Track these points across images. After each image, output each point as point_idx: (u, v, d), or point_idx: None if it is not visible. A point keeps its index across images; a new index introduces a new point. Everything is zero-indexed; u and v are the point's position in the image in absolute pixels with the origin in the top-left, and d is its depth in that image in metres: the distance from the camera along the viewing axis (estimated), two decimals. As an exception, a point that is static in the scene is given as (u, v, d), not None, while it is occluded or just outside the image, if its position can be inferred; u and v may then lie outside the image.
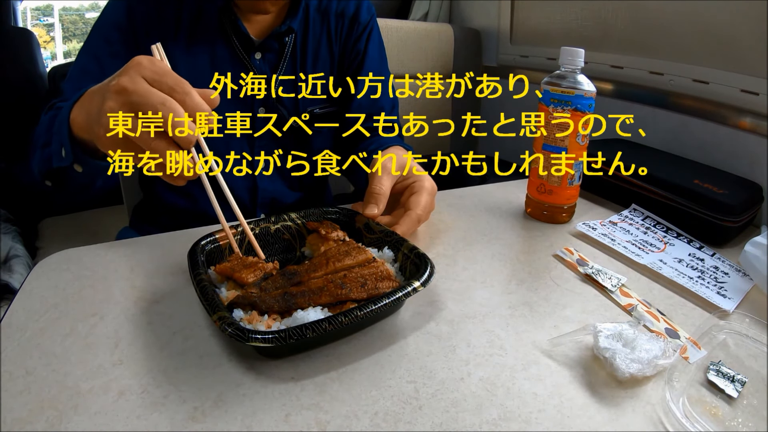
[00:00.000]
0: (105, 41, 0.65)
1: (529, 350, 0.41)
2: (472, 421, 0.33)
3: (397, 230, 0.52)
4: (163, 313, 0.44)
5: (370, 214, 0.53)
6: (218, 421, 0.33)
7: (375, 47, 0.76)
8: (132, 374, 0.36)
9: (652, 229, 0.64)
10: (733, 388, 0.37)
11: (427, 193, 0.56)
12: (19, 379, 0.36)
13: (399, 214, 0.55)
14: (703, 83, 0.80)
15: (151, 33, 0.65)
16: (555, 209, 0.65)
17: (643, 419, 0.34)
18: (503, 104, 1.30)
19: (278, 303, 0.40)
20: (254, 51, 0.68)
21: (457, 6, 1.49)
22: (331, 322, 0.36)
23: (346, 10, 0.74)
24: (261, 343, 0.34)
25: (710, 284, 0.52)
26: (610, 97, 0.98)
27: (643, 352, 0.38)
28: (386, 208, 0.55)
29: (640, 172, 0.68)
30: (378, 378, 0.37)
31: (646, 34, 0.91)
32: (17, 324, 0.42)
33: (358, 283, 0.41)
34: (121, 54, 0.64)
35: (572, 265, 0.54)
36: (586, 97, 0.59)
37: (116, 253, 0.54)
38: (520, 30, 1.28)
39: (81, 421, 0.32)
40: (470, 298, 0.47)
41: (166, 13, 0.65)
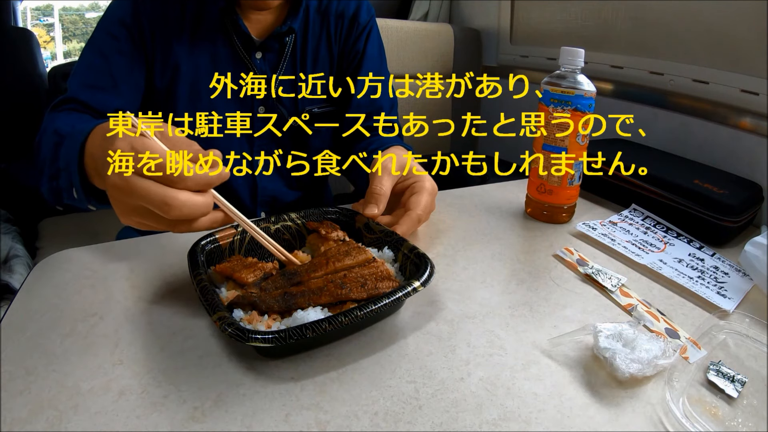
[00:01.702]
0: (111, 37, 0.64)
1: (529, 350, 0.41)
2: (472, 421, 0.33)
3: (397, 230, 0.52)
4: (163, 313, 0.44)
5: (370, 214, 0.53)
6: (218, 421, 0.33)
7: (374, 47, 0.77)
8: (132, 374, 0.36)
9: (652, 229, 0.64)
10: (733, 388, 0.37)
11: (428, 193, 0.56)
12: (19, 379, 0.36)
13: (399, 214, 0.55)
14: (703, 83, 0.80)
15: (156, 31, 0.65)
16: (555, 209, 0.65)
17: (643, 419, 0.34)
18: (503, 104, 1.30)
19: (278, 303, 0.40)
20: (255, 50, 0.68)
21: (457, 6, 1.49)
22: (331, 322, 0.36)
23: (345, 11, 0.74)
24: (261, 343, 0.34)
25: (710, 284, 0.52)
26: (610, 97, 0.98)
27: (643, 352, 0.37)
28: (387, 208, 0.55)
29: (640, 172, 0.68)
30: (378, 378, 0.37)
31: (646, 34, 0.91)
32: (17, 324, 0.42)
33: (358, 283, 0.41)
34: (127, 51, 0.64)
35: (572, 265, 0.54)
36: (586, 97, 0.59)
37: (116, 253, 0.54)
38: (520, 30, 1.28)
39: (81, 421, 0.32)
40: (470, 298, 0.47)
41: (171, 12, 0.65)
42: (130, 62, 0.65)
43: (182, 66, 0.66)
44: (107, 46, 0.64)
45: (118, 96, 0.64)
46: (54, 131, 0.54)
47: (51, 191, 0.53)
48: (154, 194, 0.36)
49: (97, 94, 0.63)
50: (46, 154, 0.54)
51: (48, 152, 0.53)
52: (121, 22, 0.64)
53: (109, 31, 0.65)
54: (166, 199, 0.36)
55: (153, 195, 0.36)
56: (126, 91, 0.65)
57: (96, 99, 0.62)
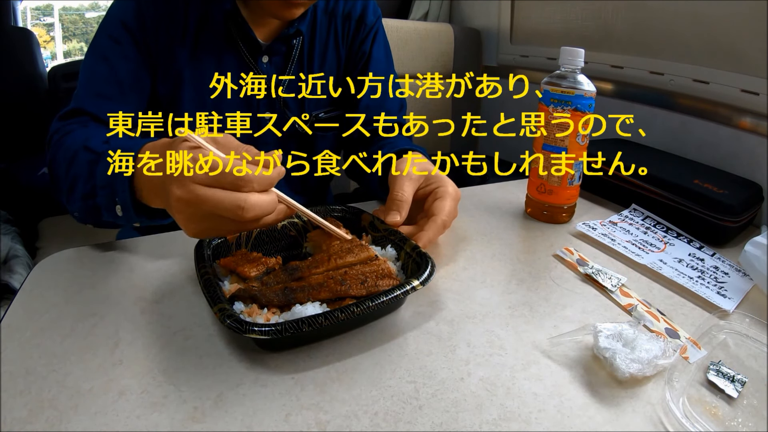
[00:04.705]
0: (113, 41, 0.62)
1: (529, 350, 0.41)
2: (472, 421, 0.33)
3: (422, 237, 0.50)
4: (163, 313, 0.44)
5: (392, 222, 0.51)
6: (218, 421, 0.33)
7: (380, 49, 0.76)
8: (132, 374, 0.36)
9: (652, 229, 0.64)
10: (733, 388, 0.37)
11: (451, 198, 0.54)
12: (19, 379, 0.36)
13: (422, 223, 0.53)
14: (703, 83, 0.80)
15: (160, 35, 0.63)
16: (555, 209, 0.65)
17: (643, 419, 0.34)
18: (503, 104, 1.30)
19: (278, 297, 0.40)
20: (261, 54, 0.67)
21: (457, 6, 1.49)
22: (327, 317, 0.36)
23: (352, 12, 0.73)
24: (258, 335, 0.35)
25: (710, 284, 0.52)
26: (610, 97, 0.98)
27: (643, 352, 0.37)
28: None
29: (640, 172, 0.68)
30: (378, 378, 0.37)
31: (647, 34, 0.91)
32: (17, 324, 0.42)
33: (359, 280, 0.42)
34: (131, 56, 0.62)
35: (572, 265, 0.54)
36: (586, 97, 0.59)
37: (116, 253, 0.54)
38: (520, 30, 1.28)
39: (81, 421, 0.32)
40: (470, 298, 0.47)
41: (175, 16, 0.63)
42: (135, 67, 0.63)
43: (185, 72, 0.64)
44: (111, 52, 0.62)
45: (125, 104, 0.61)
46: (83, 147, 0.52)
47: (85, 210, 0.52)
48: (226, 200, 0.37)
49: (104, 105, 0.60)
50: (79, 172, 0.52)
51: (80, 169, 0.51)
52: (124, 25, 0.62)
53: (112, 34, 0.62)
54: (239, 203, 0.37)
55: (226, 201, 0.37)
56: (133, 100, 0.63)
57: (104, 110, 0.60)
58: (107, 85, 0.62)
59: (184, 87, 0.65)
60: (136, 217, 0.48)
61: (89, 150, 0.51)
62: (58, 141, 0.57)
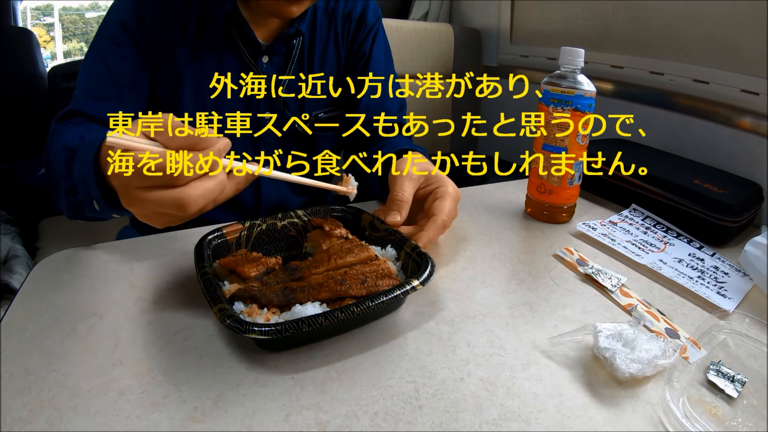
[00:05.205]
0: (112, 42, 0.62)
1: (529, 350, 0.41)
2: (472, 421, 0.33)
3: (422, 237, 0.50)
4: (163, 313, 0.44)
5: (393, 222, 0.52)
6: (218, 421, 0.33)
7: (380, 49, 0.76)
8: (132, 374, 0.36)
9: (652, 229, 0.64)
10: (733, 388, 0.37)
11: (451, 198, 0.54)
12: (19, 379, 0.36)
13: (422, 223, 0.53)
14: (703, 83, 0.80)
15: (159, 35, 0.63)
16: (555, 209, 0.65)
17: (643, 419, 0.34)
18: (503, 104, 1.30)
19: (278, 297, 0.40)
20: (261, 54, 0.67)
21: (457, 6, 1.49)
22: (327, 317, 0.36)
23: (353, 12, 0.73)
24: (258, 335, 0.35)
25: (710, 284, 0.52)
26: (610, 97, 0.98)
27: (643, 352, 0.37)
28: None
29: (640, 172, 0.68)
30: (378, 378, 0.37)
31: (647, 34, 0.91)
32: (17, 324, 0.42)
33: (358, 280, 0.42)
34: (130, 57, 0.62)
35: (572, 265, 0.54)
36: (586, 97, 0.59)
37: (116, 253, 0.54)
38: (520, 30, 1.28)
39: (81, 421, 0.32)
40: (470, 298, 0.47)
41: (175, 16, 0.63)
42: (134, 69, 0.63)
43: (185, 72, 0.64)
44: (110, 53, 0.62)
45: (123, 106, 0.62)
46: (63, 146, 0.52)
47: (70, 207, 0.52)
48: (168, 199, 0.36)
49: (102, 106, 0.60)
50: (59, 171, 0.52)
51: (60, 168, 0.52)
52: (123, 26, 0.62)
53: (111, 36, 0.62)
54: (178, 201, 0.36)
55: (168, 200, 0.36)
56: (131, 101, 0.63)
57: (102, 111, 0.60)
58: (105, 87, 0.62)
59: (184, 87, 0.65)
60: (110, 210, 0.47)
61: (67, 148, 0.52)
62: (51, 142, 0.57)
